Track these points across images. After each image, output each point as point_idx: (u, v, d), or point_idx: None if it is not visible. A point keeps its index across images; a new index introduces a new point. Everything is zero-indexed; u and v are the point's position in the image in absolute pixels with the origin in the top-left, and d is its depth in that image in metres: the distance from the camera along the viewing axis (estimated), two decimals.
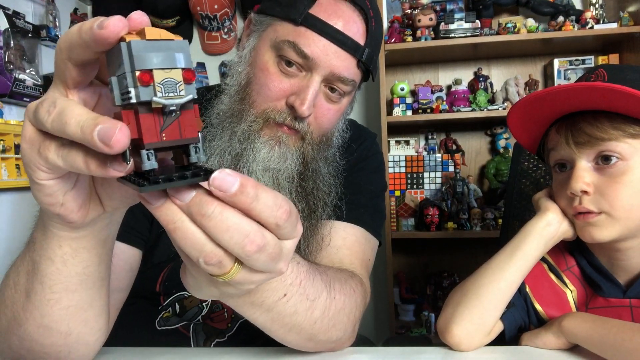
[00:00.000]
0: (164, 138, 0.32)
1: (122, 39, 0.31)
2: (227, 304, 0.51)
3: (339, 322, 0.63)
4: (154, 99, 0.31)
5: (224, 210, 0.33)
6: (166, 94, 0.31)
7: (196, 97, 0.33)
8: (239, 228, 0.33)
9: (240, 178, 0.33)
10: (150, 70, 0.31)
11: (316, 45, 0.71)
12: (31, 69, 1.81)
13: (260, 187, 0.34)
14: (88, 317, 0.53)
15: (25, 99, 1.78)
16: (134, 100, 0.31)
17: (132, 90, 0.31)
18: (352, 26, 0.73)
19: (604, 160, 0.68)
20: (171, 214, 0.34)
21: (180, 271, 0.42)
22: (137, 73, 0.30)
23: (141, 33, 0.31)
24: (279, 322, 0.55)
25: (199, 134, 0.34)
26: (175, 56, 0.32)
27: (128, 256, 0.74)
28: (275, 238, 0.36)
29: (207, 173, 0.33)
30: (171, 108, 0.32)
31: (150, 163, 0.32)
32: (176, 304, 0.80)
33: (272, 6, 0.76)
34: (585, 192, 0.69)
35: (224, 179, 0.32)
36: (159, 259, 0.78)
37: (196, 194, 0.33)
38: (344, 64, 0.73)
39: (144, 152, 0.32)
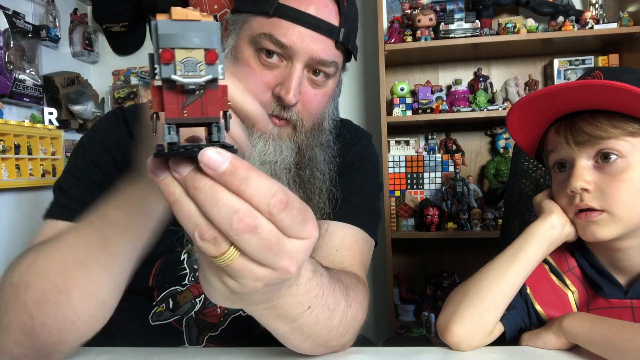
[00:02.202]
0: (185, 114, 0.34)
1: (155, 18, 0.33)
2: (253, 315, 0.51)
3: (351, 328, 0.65)
4: (172, 76, 0.32)
5: (215, 185, 0.34)
6: (186, 73, 0.33)
7: (220, 77, 0.34)
8: (228, 203, 0.34)
9: (232, 159, 0.33)
10: (173, 49, 0.32)
11: (291, 33, 0.72)
12: (31, 69, 1.81)
13: (253, 171, 0.34)
14: (121, 288, 0.60)
15: (25, 99, 1.78)
16: (157, 77, 0.33)
17: (157, 67, 0.33)
18: (324, 9, 0.74)
19: (603, 159, 0.68)
20: (173, 187, 0.35)
21: (199, 274, 0.42)
22: (160, 51, 0.32)
23: (170, 13, 0.33)
24: (299, 331, 0.56)
25: (226, 113, 0.36)
26: (198, 36, 0.33)
27: None
28: (272, 226, 0.35)
29: (209, 147, 0.34)
30: (190, 87, 0.33)
31: (170, 136, 0.34)
32: (170, 299, 0.81)
33: (245, 4, 0.77)
34: (585, 190, 0.69)
35: (211, 156, 0.33)
36: (150, 253, 0.79)
37: (193, 168, 0.34)
38: (322, 47, 0.74)
39: (165, 125, 0.34)
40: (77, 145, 0.84)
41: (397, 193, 2.17)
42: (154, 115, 0.35)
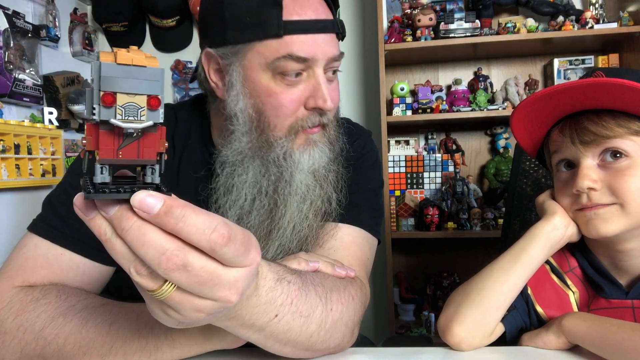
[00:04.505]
0: (120, 156, 0.34)
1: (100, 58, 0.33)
2: (218, 325, 0.51)
3: (337, 332, 0.64)
4: (112, 120, 0.32)
5: (142, 226, 0.34)
6: (126, 117, 0.33)
7: (160, 122, 0.34)
8: (155, 244, 0.34)
9: (166, 199, 0.33)
10: (115, 93, 0.32)
11: (308, 44, 0.72)
12: (31, 69, 1.81)
13: (190, 209, 0.34)
14: None
15: (25, 99, 1.77)
16: (96, 118, 0.32)
17: (96, 107, 0.32)
18: (319, 8, 0.74)
19: (609, 158, 0.68)
20: (104, 226, 0.35)
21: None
22: (101, 93, 0.32)
23: (115, 56, 0.33)
24: (273, 338, 0.56)
25: (162, 155, 0.35)
26: (142, 83, 0.33)
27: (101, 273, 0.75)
28: (206, 261, 0.36)
29: (142, 190, 0.34)
30: (129, 131, 0.33)
31: (102, 176, 0.34)
32: None
33: (239, 34, 0.73)
34: (592, 189, 0.69)
35: (143, 200, 0.33)
36: None
37: (118, 209, 0.34)
38: (332, 44, 0.75)
39: (97, 165, 0.34)
40: (74, 160, 0.84)
41: (397, 193, 2.17)
42: (87, 153, 0.35)
